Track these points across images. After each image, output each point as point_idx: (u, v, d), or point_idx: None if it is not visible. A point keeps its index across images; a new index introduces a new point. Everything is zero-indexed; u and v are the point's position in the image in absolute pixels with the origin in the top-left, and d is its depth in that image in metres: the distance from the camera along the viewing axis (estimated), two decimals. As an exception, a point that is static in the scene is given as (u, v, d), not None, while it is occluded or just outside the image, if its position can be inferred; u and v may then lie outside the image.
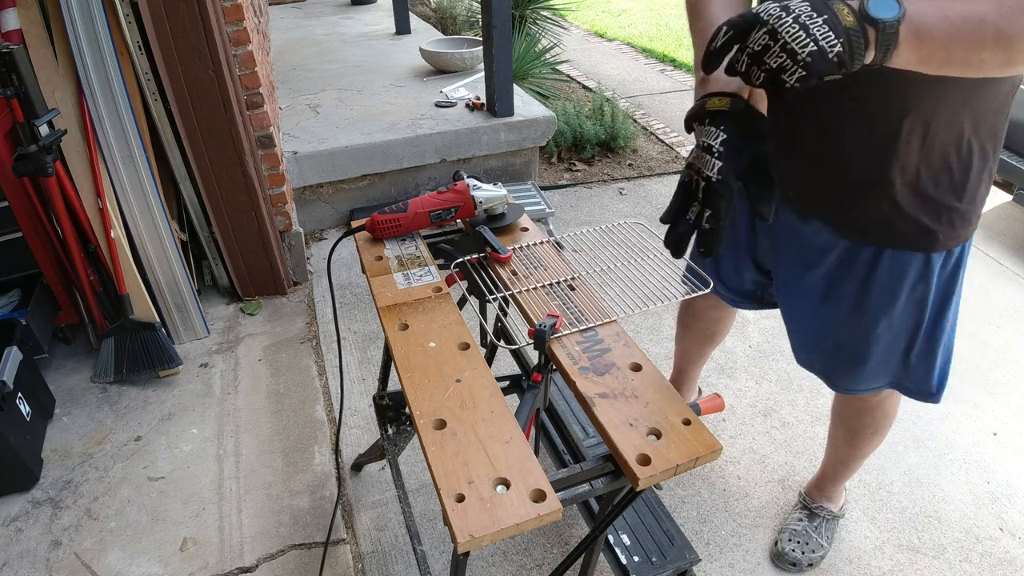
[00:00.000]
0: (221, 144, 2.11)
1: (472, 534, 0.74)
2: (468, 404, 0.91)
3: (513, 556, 1.58)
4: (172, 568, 1.53)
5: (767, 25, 0.67)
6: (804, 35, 0.66)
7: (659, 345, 2.28)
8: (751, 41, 0.69)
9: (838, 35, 0.66)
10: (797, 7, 0.67)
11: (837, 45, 0.66)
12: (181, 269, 2.14)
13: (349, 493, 1.73)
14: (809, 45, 0.66)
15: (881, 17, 0.66)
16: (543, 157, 3.63)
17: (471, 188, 1.24)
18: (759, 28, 0.68)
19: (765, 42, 0.67)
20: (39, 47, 1.86)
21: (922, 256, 1.08)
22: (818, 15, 0.66)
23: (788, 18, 0.66)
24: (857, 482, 1.77)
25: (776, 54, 0.67)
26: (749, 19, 0.69)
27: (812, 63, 0.66)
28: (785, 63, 0.67)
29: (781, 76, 0.68)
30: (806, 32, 0.66)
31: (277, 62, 3.90)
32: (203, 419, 1.94)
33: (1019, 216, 3.10)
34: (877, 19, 0.66)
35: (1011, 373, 2.16)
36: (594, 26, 6.90)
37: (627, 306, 1.07)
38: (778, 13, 0.67)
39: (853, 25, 0.67)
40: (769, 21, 0.67)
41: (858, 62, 0.68)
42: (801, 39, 0.66)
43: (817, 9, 0.67)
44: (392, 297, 1.12)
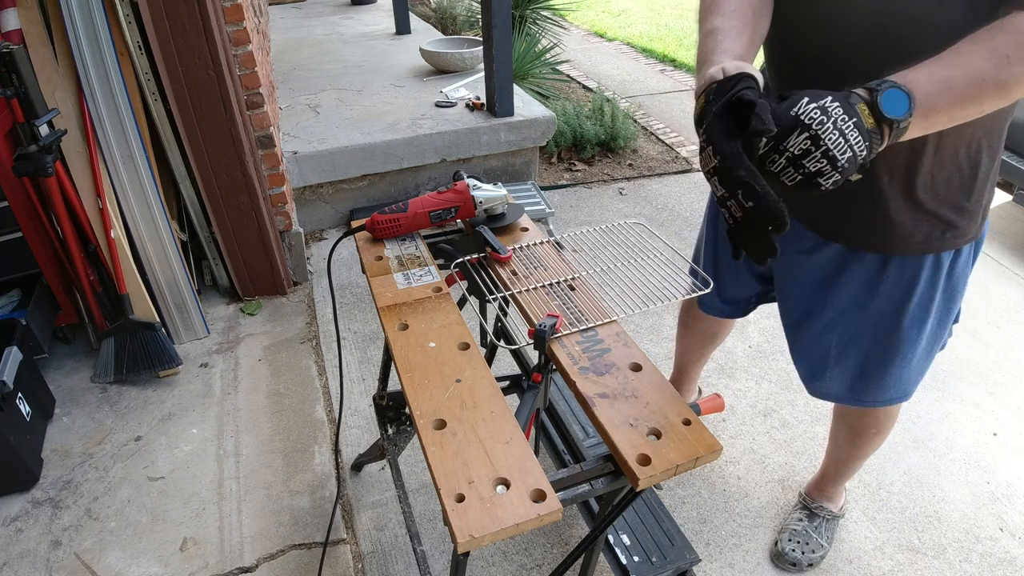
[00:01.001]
0: (221, 144, 2.11)
1: (472, 534, 0.74)
2: (468, 404, 0.91)
3: (513, 556, 1.58)
4: (172, 568, 1.53)
5: (809, 130, 0.67)
6: (843, 142, 0.66)
7: (659, 345, 2.28)
8: (791, 145, 0.68)
9: (864, 138, 0.67)
10: (833, 110, 0.67)
11: (865, 149, 0.67)
12: (181, 269, 2.14)
13: (349, 493, 1.73)
14: (847, 152, 0.66)
15: (895, 117, 0.68)
16: (543, 157, 3.63)
17: (471, 188, 1.24)
18: (800, 132, 0.67)
19: (806, 147, 0.67)
20: (39, 47, 1.86)
21: (932, 258, 1.08)
22: (849, 118, 0.67)
23: (829, 123, 0.66)
24: (857, 482, 1.77)
25: (816, 159, 0.67)
26: (787, 122, 0.68)
27: (847, 168, 0.67)
28: (824, 168, 0.67)
29: (817, 179, 0.68)
30: (844, 139, 0.66)
31: (277, 62, 3.90)
32: (203, 419, 1.94)
33: (1019, 216, 3.10)
34: (892, 119, 0.68)
35: (1011, 373, 2.16)
36: (594, 26, 6.90)
37: (627, 306, 1.07)
38: (820, 117, 0.67)
39: (873, 127, 0.68)
40: (812, 126, 0.67)
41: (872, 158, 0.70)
42: (841, 146, 0.66)
43: (848, 112, 0.67)
44: (392, 297, 1.12)
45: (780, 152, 0.69)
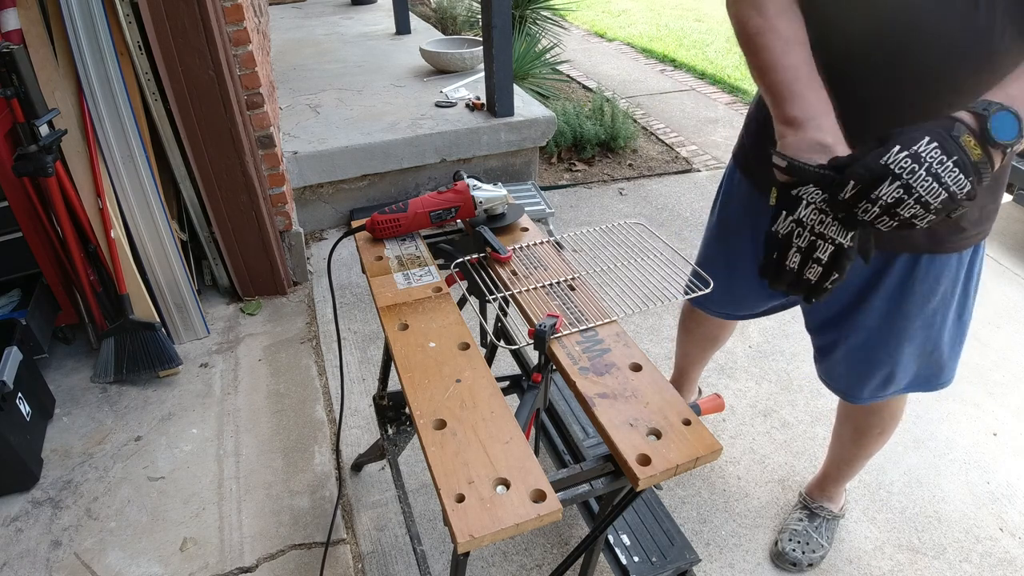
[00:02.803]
0: (221, 144, 2.11)
1: (472, 534, 0.74)
2: (468, 404, 0.91)
3: (513, 556, 1.58)
4: (172, 568, 1.53)
5: (900, 180, 0.66)
6: (937, 186, 0.65)
7: (659, 345, 2.27)
8: (883, 194, 0.68)
9: (968, 174, 0.66)
10: (927, 154, 0.66)
11: (967, 185, 0.66)
12: (181, 269, 2.14)
13: (349, 493, 1.73)
14: (942, 195, 0.66)
15: (1006, 140, 0.67)
16: (543, 157, 3.63)
17: (471, 188, 1.24)
18: (891, 182, 0.67)
19: (899, 195, 0.67)
20: (39, 47, 1.86)
21: (956, 256, 1.09)
22: (948, 158, 0.66)
23: (921, 171, 0.66)
24: (857, 482, 1.77)
25: (910, 207, 0.67)
26: (877, 172, 0.68)
27: (942, 208, 0.67)
28: (918, 212, 0.67)
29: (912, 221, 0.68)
30: (938, 182, 0.65)
31: (277, 62, 3.90)
32: (203, 419, 1.94)
33: (1019, 216, 3.10)
34: (1003, 144, 0.67)
35: (1011, 373, 2.16)
36: (594, 26, 6.90)
37: (627, 306, 1.07)
38: (910, 167, 0.66)
39: (981, 157, 0.67)
40: (902, 176, 0.66)
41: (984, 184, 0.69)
42: (935, 191, 0.66)
43: (947, 151, 0.66)
44: (392, 297, 1.12)
45: (873, 201, 0.69)
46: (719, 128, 4.15)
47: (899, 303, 1.15)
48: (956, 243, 1.08)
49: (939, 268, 1.10)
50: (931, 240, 1.07)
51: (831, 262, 0.77)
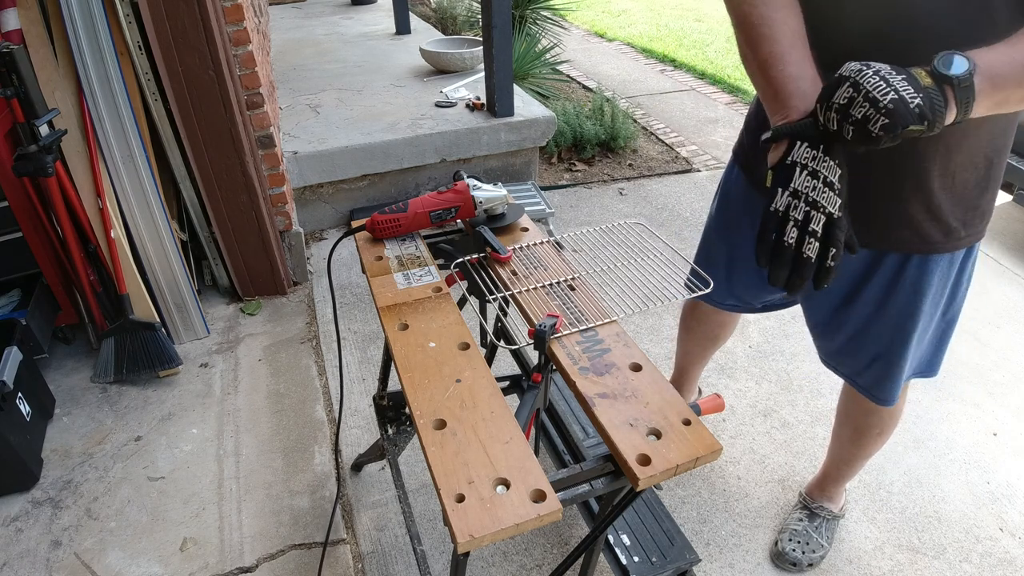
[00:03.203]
0: (221, 144, 2.11)
1: (472, 534, 0.74)
2: (468, 404, 0.91)
3: (513, 556, 1.58)
4: (172, 568, 1.53)
5: (849, 79, 0.71)
6: (884, 85, 0.69)
7: (659, 345, 2.27)
8: (836, 96, 0.72)
9: (917, 91, 0.70)
10: (877, 65, 0.71)
11: (917, 98, 0.69)
12: (181, 269, 2.14)
13: (349, 493, 1.73)
14: (890, 93, 0.69)
15: (953, 73, 0.70)
16: (543, 157, 3.63)
17: (471, 188, 1.24)
18: (842, 83, 0.72)
19: (849, 94, 0.71)
20: (39, 47, 1.86)
21: (947, 257, 1.10)
22: (898, 74, 0.70)
23: (869, 71, 0.71)
24: (857, 482, 1.77)
25: (859, 104, 0.70)
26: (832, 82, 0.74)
27: (894, 110, 0.69)
28: (869, 112, 0.70)
29: (867, 127, 0.71)
30: (886, 83, 0.69)
31: (277, 62, 3.90)
32: (203, 419, 1.94)
33: (1019, 216, 3.10)
34: (951, 76, 0.70)
35: (1011, 373, 2.16)
36: (594, 26, 6.90)
37: (627, 306, 1.07)
38: (859, 67, 0.71)
39: (931, 85, 0.71)
40: (850, 76, 0.71)
41: (940, 119, 0.71)
42: (882, 88, 0.69)
43: (896, 70, 0.71)
44: (392, 297, 1.12)
45: (830, 107, 0.73)
46: (719, 128, 4.15)
47: (887, 302, 1.16)
48: (948, 244, 1.08)
49: (930, 269, 1.11)
50: (922, 240, 1.07)
51: (825, 234, 0.79)
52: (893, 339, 1.20)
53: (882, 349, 1.22)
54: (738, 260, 1.37)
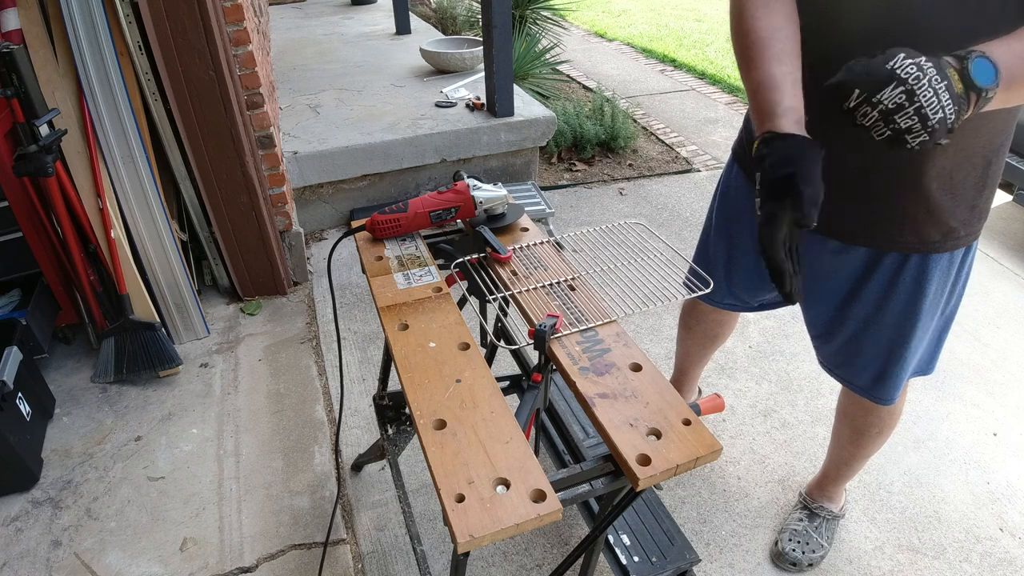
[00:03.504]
0: (221, 144, 2.11)
1: (472, 534, 0.74)
2: (468, 404, 0.91)
3: (513, 556, 1.58)
4: (172, 568, 1.53)
5: (905, 84, 0.66)
6: (936, 102, 0.66)
7: (659, 345, 2.27)
8: (885, 98, 0.67)
9: (954, 102, 0.67)
10: (928, 70, 0.66)
11: (954, 113, 0.67)
12: (181, 269, 2.14)
13: (349, 493, 1.73)
14: (939, 113, 0.66)
15: (984, 85, 0.68)
16: (543, 157, 3.63)
17: (471, 188, 1.24)
18: (896, 86, 0.66)
19: (900, 101, 0.66)
20: (39, 47, 1.86)
21: (947, 256, 1.10)
22: (942, 80, 0.66)
23: (924, 80, 0.66)
24: (857, 482, 1.77)
25: (909, 115, 0.66)
26: (883, 75, 0.67)
27: (937, 130, 0.66)
28: (915, 126, 0.67)
29: (905, 137, 0.68)
30: (937, 98, 0.66)
31: (277, 62, 3.90)
32: (203, 419, 1.94)
33: (1019, 216, 3.10)
34: (981, 88, 0.68)
35: (1011, 373, 2.16)
36: (594, 26, 6.90)
37: (627, 306, 1.07)
38: (916, 73, 0.66)
39: (962, 92, 0.68)
40: (908, 80, 0.66)
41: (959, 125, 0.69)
42: (934, 105, 0.66)
43: (940, 74, 0.67)
44: (392, 297, 1.12)
45: (873, 105, 0.68)
46: (719, 128, 4.15)
47: (886, 302, 1.16)
48: (947, 244, 1.08)
49: (930, 268, 1.11)
50: (921, 240, 1.08)
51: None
52: (892, 339, 1.20)
53: (881, 350, 1.22)
54: (737, 258, 1.38)
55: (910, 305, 1.15)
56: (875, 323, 1.20)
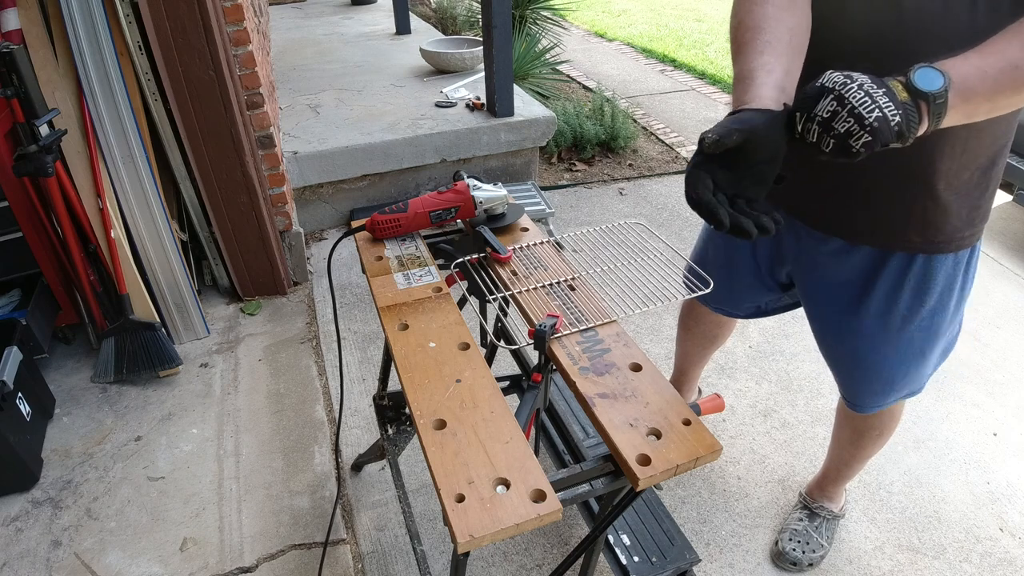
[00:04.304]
0: (221, 144, 2.11)
1: (472, 534, 0.74)
2: (468, 404, 0.91)
3: (513, 556, 1.58)
4: (172, 568, 1.53)
5: (834, 92, 0.70)
6: (869, 101, 0.69)
7: (659, 345, 2.27)
8: (819, 109, 0.71)
9: (897, 107, 0.70)
10: (859, 78, 0.70)
11: (897, 116, 0.70)
12: (181, 269, 2.14)
13: (349, 493, 1.73)
14: (875, 111, 0.69)
15: (929, 90, 0.71)
16: (543, 157, 3.63)
17: (471, 188, 1.24)
18: (826, 96, 0.71)
19: (833, 108, 0.70)
20: (39, 47, 1.86)
21: (952, 257, 1.10)
22: (879, 87, 0.70)
23: (853, 85, 0.70)
24: (857, 482, 1.77)
25: (844, 119, 0.70)
26: (813, 92, 0.72)
27: (878, 128, 0.69)
28: (852, 128, 0.69)
29: (848, 141, 0.70)
30: (871, 99, 0.69)
31: (277, 62, 3.90)
32: (203, 419, 1.94)
33: (1019, 216, 3.10)
34: (927, 92, 0.71)
35: (1011, 373, 2.16)
36: (594, 26, 6.90)
37: (627, 306, 1.07)
38: (843, 80, 0.70)
39: (907, 100, 0.71)
40: (835, 88, 0.70)
41: (913, 133, 0.72)
42: (867, 104, 0.69)
43: (876, 82, 0.70)
44: (392, 297, 1.12)
45: (812, 120, 0.72)
46: (719, 128, 4.14)
47: (895, 303, 1.15)
48: (952, 244, 1.08)
49: (935, 269, 1.10)
50: (926, 240, 1.07)
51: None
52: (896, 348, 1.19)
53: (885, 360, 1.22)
54: (737, 263, 1.37)
55: (914, 308, 1.14)
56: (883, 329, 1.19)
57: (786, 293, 1.39)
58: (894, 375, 1.24)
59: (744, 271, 1.37)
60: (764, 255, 1.31)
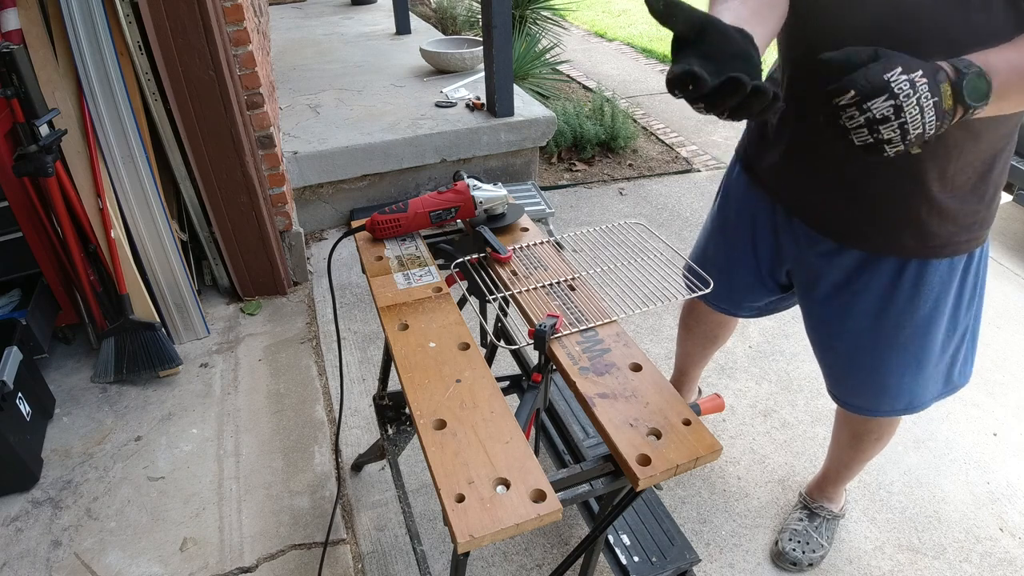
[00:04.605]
0: (221, 144, 2.11)
1: (472, 534, 0.74)
2: (468, 404, 0.91)
3: (513, 556, 1.58)
4: (172, 568, 1.53)
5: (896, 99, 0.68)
6: (920, 119, 0.68)
7: (659, 345, 2.27)
8: (875, 108, 0.68)
9: (939, 118, 0.69)
10: (920, 85, 0.68)
11: (934, 128, 0.69)
12: (181, 269, 2.14)
13: (349, 493, 1.73)
14: (919, 129, 0.68)
15: (974, 104, 0.70)
16: (543, 157, 3.63)
17: (471, 188, 1.24)
18: (887, 99, 0.68)
19: (888, 114, 0.68)
20: (39, 47, 1.86)
21: (947, 262, 1.09)
22: (931, 96, 0.68)
23: (914, 99, 0.68)
24: (857, 482, 1.77)
25: (892, 128, 0.68)
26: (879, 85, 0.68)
27: (912, 143, 0.69)
28: (895, 138, 0.69)
29: (884, 146, 0.69)
30: (922, 116, 0.68)
31: (277, 62, 3.90)
32: (203, 419, 1.94)
33: (1019, 216, 3.10)
34: (971, 105, 0.70)
35: (1011, 373, 2.16)
36: (594, 26, 6.90)
37: (627, 306, 1.07)
38: (907, 91, 0.68)
39: (950, 109, 0.70)
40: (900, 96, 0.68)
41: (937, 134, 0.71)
42: (916, 123, 0.68)
43: (932, 90, 0.68)
44: (392, 297, 1.12)
45: (862, 111, 0.69)
46: (719, 128, 4.15)
47: (886, 308, 1.15)
48: (947, 249, 1.07)
49: (929, 274, 1.10)
50: (921, 245, 1.07)
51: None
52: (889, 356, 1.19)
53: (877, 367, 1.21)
54: (737, 262, 1.37)
55: (905, 314, 1.14)
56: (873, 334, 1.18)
57: (787, 293, 1.39)
58: (887, 384, 1.23)
59: (744, 270, 1.37)
60: (765, 255, 1.31)
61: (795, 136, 1.13)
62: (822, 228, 1.15)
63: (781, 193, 1.21)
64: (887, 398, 1.25)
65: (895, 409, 1.28)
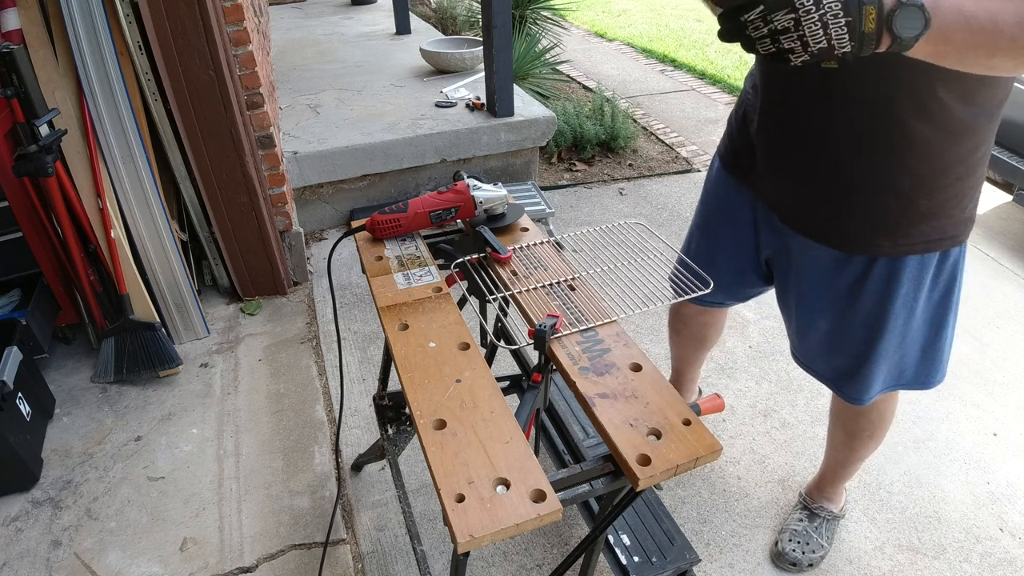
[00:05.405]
0: (221, 144, 2.11)
1: (472, 534, 0.74)
2: (468, 404, 0.91)
3: (513, 556, 1.58)
4: (172, 568, 1.53)
5: (796, 12, 0.70)
6: (821, 33, 0.69)
7: (659, 345, 2.27)
8: (776, 19, 0.71)
9: (852, 39, 0.69)
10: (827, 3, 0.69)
11: (847, 47, 0.70)
12: (181, 269, 2.14)
13: (349, 493, 1.73)
14: (821, 42, 0.69)
15: (902, 36, 0.70)
16: (543, 157, 3.63)
17: (471, 188, 1.24)
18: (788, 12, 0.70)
19: (788, 26, 0.70)
20: (39, 47, 1.86)
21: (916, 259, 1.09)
22: (843, 15, 0.69)
23: (815, 14, 0.69)
24: (857, 482, 1.77)
25: (791, 39, 0.71)
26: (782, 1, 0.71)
27: (818, 55, 0.71)
28: (796, 48, 0.71)
29: (788, 55, 0.72)
30: (824, 31, 0.69)
31: (277, 62, 3.90)
32: (203, 419, 1.94)
33: (1019, 216, 3.10)
34: (897, 36, 0.70)
35: (1011, 373, 2.16)
36: (594, 26, 6.90)
37: (627, 306, 1.07)
38: (809, 7, 0.69)
39: (872, 32, 0.70)
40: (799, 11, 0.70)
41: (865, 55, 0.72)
42: (817, 37, 0.69)
43: (845, 9, 0.69)
44: (392, 297, 1.12)
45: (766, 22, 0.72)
46: (719, 128, 4.15)
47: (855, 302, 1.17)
48: (917, 247, 1.08)
49: (897, 270, 1.11)
50: (891, 243, 1.08)
51: None
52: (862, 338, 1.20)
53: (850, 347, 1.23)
54: (718, 257, 1.40)
55: (879, 305, 1.15)
56: (845, 320, 1.20)
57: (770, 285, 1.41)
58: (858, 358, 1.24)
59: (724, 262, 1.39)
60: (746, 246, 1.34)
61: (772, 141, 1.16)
62: (797, 227, 1.17)
63: (758, 191, 1.24)
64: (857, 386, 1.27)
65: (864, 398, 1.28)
